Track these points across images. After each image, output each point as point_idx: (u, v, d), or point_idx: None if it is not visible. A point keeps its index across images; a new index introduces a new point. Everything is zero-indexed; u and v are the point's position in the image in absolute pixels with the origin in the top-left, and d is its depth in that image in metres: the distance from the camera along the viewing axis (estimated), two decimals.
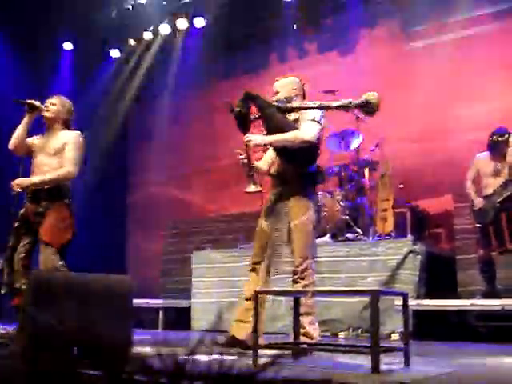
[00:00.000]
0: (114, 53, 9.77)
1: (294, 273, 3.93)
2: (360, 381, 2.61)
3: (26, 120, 4.49)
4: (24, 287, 4.03)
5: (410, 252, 5.72)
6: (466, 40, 7.47)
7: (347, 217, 6.62)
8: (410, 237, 5.97)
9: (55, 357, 2.24)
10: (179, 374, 1.52)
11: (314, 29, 8.80)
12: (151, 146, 10.11)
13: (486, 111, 7.07)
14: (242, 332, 3.80)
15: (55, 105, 4.59)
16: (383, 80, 7.92)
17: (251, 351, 3.16)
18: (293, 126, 3.84)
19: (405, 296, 3.47)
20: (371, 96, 3.82)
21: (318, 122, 3.89)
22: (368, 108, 3.82)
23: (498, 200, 5.79)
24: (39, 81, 8.07)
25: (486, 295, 5.79)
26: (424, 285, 5.78)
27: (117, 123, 9.94)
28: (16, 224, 4.38)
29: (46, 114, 4.54)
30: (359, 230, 6.50)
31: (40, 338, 2.54)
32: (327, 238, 6.55)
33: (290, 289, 4.11)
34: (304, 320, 3.78)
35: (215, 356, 1.89)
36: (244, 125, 3.90)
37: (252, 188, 3.86)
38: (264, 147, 4.04)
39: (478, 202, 5.96)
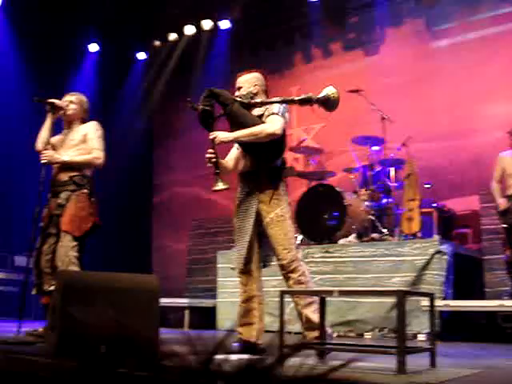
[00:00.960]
0: (141, 55, 9.87)
1: (282, 268, 3.86)
2: (386, 381, 2.60)
3: (49, 120, 4.53)
4: (52, 288, 4.07)
5: (437, 252, 5.67)
6: (491, 38, 7.40)
7: (373, 217, 6.60)
8: (436, 237, 5.92)
9: (86, 355, 2.28)
10: (209, 372, 1.54)
11: (338, 28, 8.79)
12: (176, 146, 10.17)
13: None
14: (252, 334, 3.77)
15: (74, 103, 4.63)
16: (408, 79, 7.89)
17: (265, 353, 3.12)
18: (257, 121, 3.79)
19: (431, 297, 3.46)
20: (331, 92, 3.71)
21: (282, 115, 3.82)
22: (328, 104, 3.74)
23: None
24: (61, 81, 8.18)
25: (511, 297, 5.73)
26: (451, 285, 5.73)
27: (142, 123, 10.01)
28: (41, 224, 4.44)
29: (66, 112, 4.58)
30: (385, 230, 6.47)
31: (72, 337, 2.58)
32: (352, 238, 6.53)
33: (316, 289, 4.10)
34: (307, 311, 3.74)
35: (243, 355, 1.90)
36: (208, 122, 3.81)
37: (219, 186, 3.78)
38: (229, 144, 3.94)
39: (502, 203, 5.90)
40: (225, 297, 6.97)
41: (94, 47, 9.53)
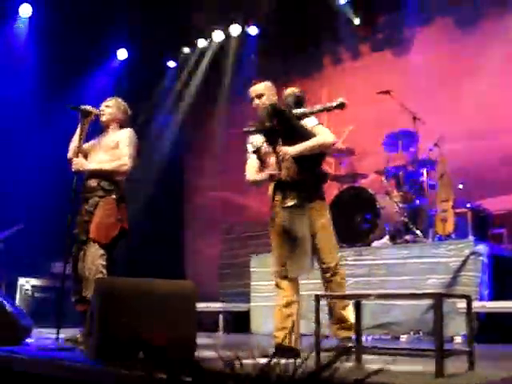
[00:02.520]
0: (171, 63, 9.97)
1: (326, 271, 3.98)
2: None
3: (80, 127, 4.56)
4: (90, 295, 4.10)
5: (472, 253, 5.60)
6: None
7: (406, 218, 6.54)
8: (471, 238, 5.86)
9: (126, 359, 2.31)
10: (248, 377, 1.55)
11: (367, 29, 8.75)
12: (207, 151, 10.23)
13: None
14: (290, 339, 3.76)
15: (110, 107, 4.68)
16: (439, 78, 7.81)
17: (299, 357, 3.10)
18: (311, 132, 3.90)
19: (468, 299, 3.42)
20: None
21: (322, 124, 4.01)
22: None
23: None
24: (92, 88, 8.29)
25: None
26: (487, 286, 5.66)
27: (175, 129, 10.10)
28: (75, 231, 4.49)
29: (102, 118, 4.64)
30: (418, 232, 6.41)
31: (111, 343, 2.62)
32: (386, 240, 6.49)
33: (353, 292, 4.11)
34: (344, 312, 3.88)
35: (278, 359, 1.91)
36: (275, 139, 3.87)
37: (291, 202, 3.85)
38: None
39: None
40: (258, 301, 6.99)
41: (122, 54, 9.59)
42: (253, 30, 9.25)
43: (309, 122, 3.96)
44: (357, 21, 8.68)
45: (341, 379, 2.11)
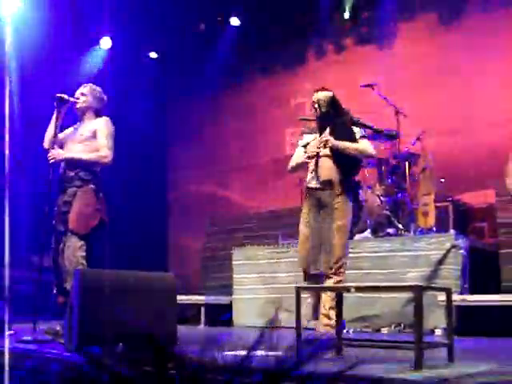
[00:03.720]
0: (153, 54, 9.89)
1: (329, 268, 4.18)
2: (404, 377, 2.60)
3: (55, 115, 4.50)
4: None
5: (453, 247, 5.65)
6: (504, 31, 7.33)
7: (388, 212, 6.57)
8: (452, 231, 5.90)
9: (105, 353, 2.30)
10: (227, 369, 1.55)
11: (350, 23, 8.75)
12: (190, 144, 10.20)
13: None
14: (319, 326, 4.17)
15: (85, 95, 4.62)
16: (422, 73, 7.84)
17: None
18: (355, 138, 4.24)
19: (448, 292, 3.45)
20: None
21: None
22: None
23: None
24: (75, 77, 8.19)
25: None
26: (467, 280, 5.71)
27: (156, 121, 10.04)
28: (54, 222, 4.43)
29: (77, 105, 4.57)
30: (400, 225, 6.45)
31: (90, 335, 2.60)
32: (367, 233, 6.51)
33: (331, 285, 4.12)
34: (332, 313, 4.02)
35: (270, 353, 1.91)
36: (325, 125, 4.20)
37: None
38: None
39: None
40: (241, 293, 6.99)
41: (106, 42, 9.48)
42: (235, 21, 9.17)
43: (356, 131, 4.30)
44: (346, 15, 8.67)
45: (321, 372, 2.12)
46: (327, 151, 4.21)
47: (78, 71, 8.74)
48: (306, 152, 4.35)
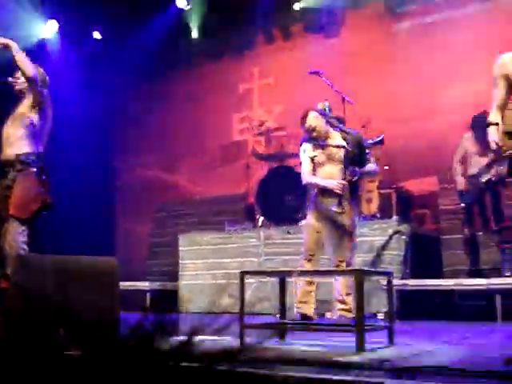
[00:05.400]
0: (96, 34, 9.65)
1: (341, 261, 4.52)
2: (346, 359, 2.64)
3: None
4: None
5: (396, 233, 5.77)
6: (452, 21, 7.48)
7: None
8: (395, 218, 6.02)
9: (42, 337, 2.25)
10: (166, 353, 1.54)
11: (300, 10, 8.75)
12: (137, 129, 10.06)
13: (472, 92, 7.08)
14: (310, 310, 4.48)
15: (19, 78, 4.46)
16: (369, 61, 7.93)
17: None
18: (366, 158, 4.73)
19: (389, 275, 3.52)
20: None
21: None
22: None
23: (483, 180, 5.84)
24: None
25: (470, 275, 5.86)
26: (409, 265, 5.84)
27: (104, 106, 9.85)
28: None
29: (16, 86, 4.43)
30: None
31: (25, 321, 2.55)
32: None
33: (276, 269, 4.16)
34: (348, 299, 4.39)
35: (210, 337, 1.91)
36: (350, 161, 4.51)
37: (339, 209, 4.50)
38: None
39: (460, 183, 6.02)
40: (187, 279, 6.98)
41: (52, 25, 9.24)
42: (181, 3, 9.02)
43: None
44: (297, 6, 8.66)
45: (262, 357, 2.13)
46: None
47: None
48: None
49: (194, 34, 9.44)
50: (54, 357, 2.18)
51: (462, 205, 6.09)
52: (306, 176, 4.71)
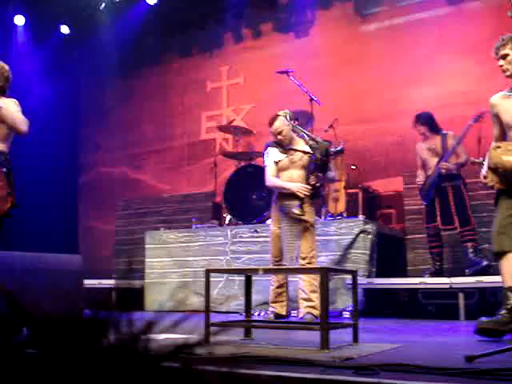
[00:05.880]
0: (64, 29, 9.50)
1: (303, 259, 4.72)
2: (309, 357, 2.65)
3: None
4: None
5: (361, 232, 5.82)
6: (417, 23, 7.57)
7: None
8: (361, 217, 6.06)
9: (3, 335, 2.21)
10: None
11: (269, 9, 8.76)
12: (102, 126, 9.96)
13: (436, 93, 7.20)
14: (283, 309, 4.82)
15: None
16: (337, 62, 7.98)
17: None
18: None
19: (354, 274, 3.54)
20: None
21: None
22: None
23: (435, 175, 5.98)
24: None
25: (434, 274, 5.94)
26: (375, 264, 5.90)
27: (68, 101, 9.72)
28: None
29: None
30: None
31: None
32: None
33: (241, 267, 4.16)
34: (313, 296, 4.64)
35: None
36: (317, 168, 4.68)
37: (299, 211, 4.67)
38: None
39: (419, 182, 6.16)
40: (153, 277, 6.94)
41: (19, 20, 9.10)
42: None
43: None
44: (259, 0, 8.66)
45: (226, 355, 2.12)
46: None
47: None
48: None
49: (162, 31, 9.35)
50: (15, 355, 2.15)
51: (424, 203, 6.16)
52: (271, 179, 4.89)
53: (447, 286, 5.43)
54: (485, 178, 3.67)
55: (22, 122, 4.23)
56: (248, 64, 8.76)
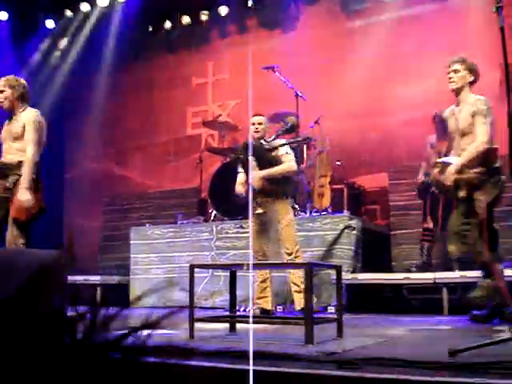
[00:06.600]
0: (50, 23, 9.42)
1: (289, 254, 4.87)
2: (294, 351, 2.65)
3: None
4: None
5: (346, 227, 5.83)
6: (403, 20, 7.59)
7: None
8: (346, 212, 6.07)
9: None
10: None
11: (254, 4, 8.74)
12: (88, 121, 9.89)
13: (421, 91, 7.22)
14: (268, 304, 4.92)
15: (2, 91, 4.46)
16: (323, 58, 7.98)
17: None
18: (278, 159, 4.96)
19: (338, 269, 3.55)
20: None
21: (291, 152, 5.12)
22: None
23: (419, 181, 6.02)
24: None
25: (419, 269, 5.97)
26: (360, 259, 5.91)
27: (53, 97, 9.64)
28: None
29: (3, 105, 4.46)
30: (296, 206, 6.55)
31: None
32: None
33: (226, 262, 4.16)
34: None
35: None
36: (246, 166, 4.96)
37: (259, 210, 4.91)
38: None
39: (419, 178, 6.18)
40: (138, 273, 6.91)
41: (3, 15, 9.03)
42: None
43: (281, 150, 5.02)
44: (250, 2, 8.64)
45: (210, 350, 2.12)
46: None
47: None
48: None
49: (147, 27, 9.32)
50: None
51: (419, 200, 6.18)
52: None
53: (431, 282, 5.46)
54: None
55: (29, 160, 4.39)
56: (233, 59, 8.74)
